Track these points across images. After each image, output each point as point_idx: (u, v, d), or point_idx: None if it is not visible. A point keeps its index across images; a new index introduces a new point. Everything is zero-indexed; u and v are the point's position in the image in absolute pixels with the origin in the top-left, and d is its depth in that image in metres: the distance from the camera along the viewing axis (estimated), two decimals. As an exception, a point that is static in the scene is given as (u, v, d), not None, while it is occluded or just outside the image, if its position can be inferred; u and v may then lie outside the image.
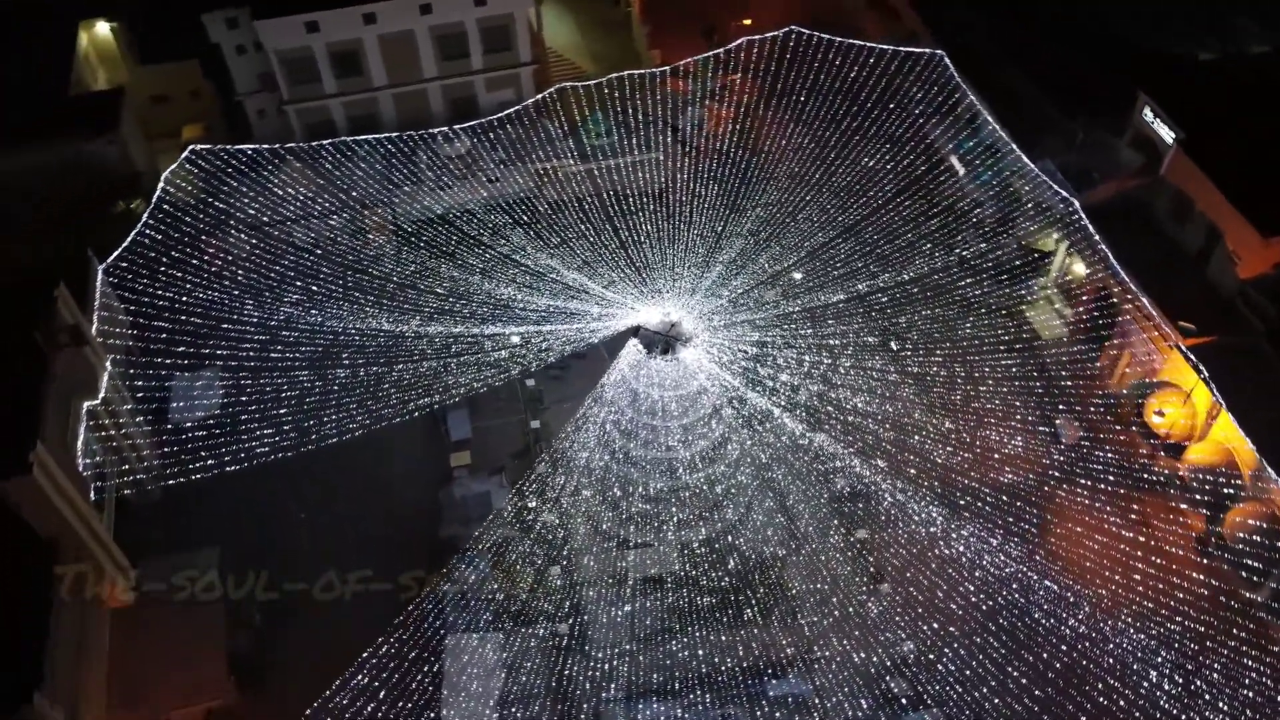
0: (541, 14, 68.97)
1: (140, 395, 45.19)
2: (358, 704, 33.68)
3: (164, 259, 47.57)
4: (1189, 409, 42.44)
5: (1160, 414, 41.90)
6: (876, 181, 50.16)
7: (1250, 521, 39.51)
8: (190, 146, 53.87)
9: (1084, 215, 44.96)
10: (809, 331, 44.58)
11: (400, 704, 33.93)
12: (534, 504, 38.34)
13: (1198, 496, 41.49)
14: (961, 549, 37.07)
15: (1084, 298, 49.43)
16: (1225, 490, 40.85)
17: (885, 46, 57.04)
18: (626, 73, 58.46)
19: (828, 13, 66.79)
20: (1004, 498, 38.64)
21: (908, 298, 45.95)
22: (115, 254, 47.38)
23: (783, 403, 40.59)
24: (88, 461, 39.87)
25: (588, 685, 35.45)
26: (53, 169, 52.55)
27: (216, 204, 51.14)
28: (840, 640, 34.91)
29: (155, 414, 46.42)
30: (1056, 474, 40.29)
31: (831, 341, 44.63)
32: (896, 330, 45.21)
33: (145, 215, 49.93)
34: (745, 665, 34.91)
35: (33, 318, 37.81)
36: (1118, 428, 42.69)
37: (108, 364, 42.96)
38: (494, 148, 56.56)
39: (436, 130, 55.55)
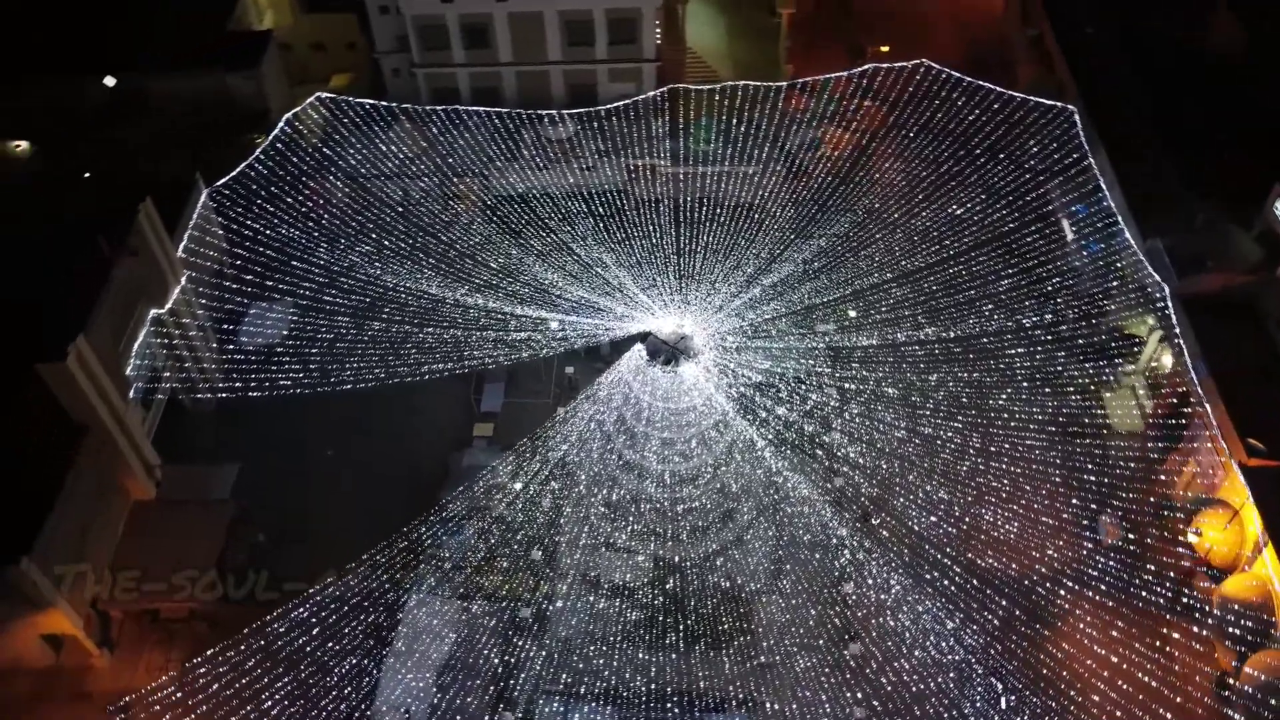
0: (685, 13, 69.35)
1: (217, 314, 48.63)
2: (292, 635, 35.38)
3: (265, 192, 50.92)
4: (1234, 534, 38.61)
5: (1197, 533, 38.25)
6: (957, 230, 47.78)
7: (1271, 673, 35.66)
8: (317, 94, 57.25)
9: (1174, 303, 41.39)
10: (827, 370, 43.13)
11: (331, 645, 35.40)
12: (521, 485, 38.97)
13: (1228, 631, 37.68)
14: (908, 623, 35.15)
15: (1166, 392, 45.64)
16: (1257, 631, 36.94)
17: (1014, 94, 54.13)
18: (743, 82, 57.90)
19: (989, 53, 64.19)
20: (975, 582, 36.25)
21: (948, 356, 43.59)
22: (222, 180, 51.02)
23: (769, 436, 39.54)
24: (142, 363, 43.39)
25: (532, 674, 35.73)
26: (196, 96, 57.38)
27: (325, 149, 54.21)
28: (792, 689, 33.83)
29: (226, 334, 49.83)
30: (1073, 572, 37.29)
31: (847, 385, 43.00)
32: (923, 386, 43.06)
33: (259, 150, 53.55)
34: (690, 690, 34.33)
35: (109, 226, 41.48)
36: (1164, 537, 39.14)
37: (182, 278, 46.57)
38: (596, 137, 57.37)
39: (544, 112, 56.74)
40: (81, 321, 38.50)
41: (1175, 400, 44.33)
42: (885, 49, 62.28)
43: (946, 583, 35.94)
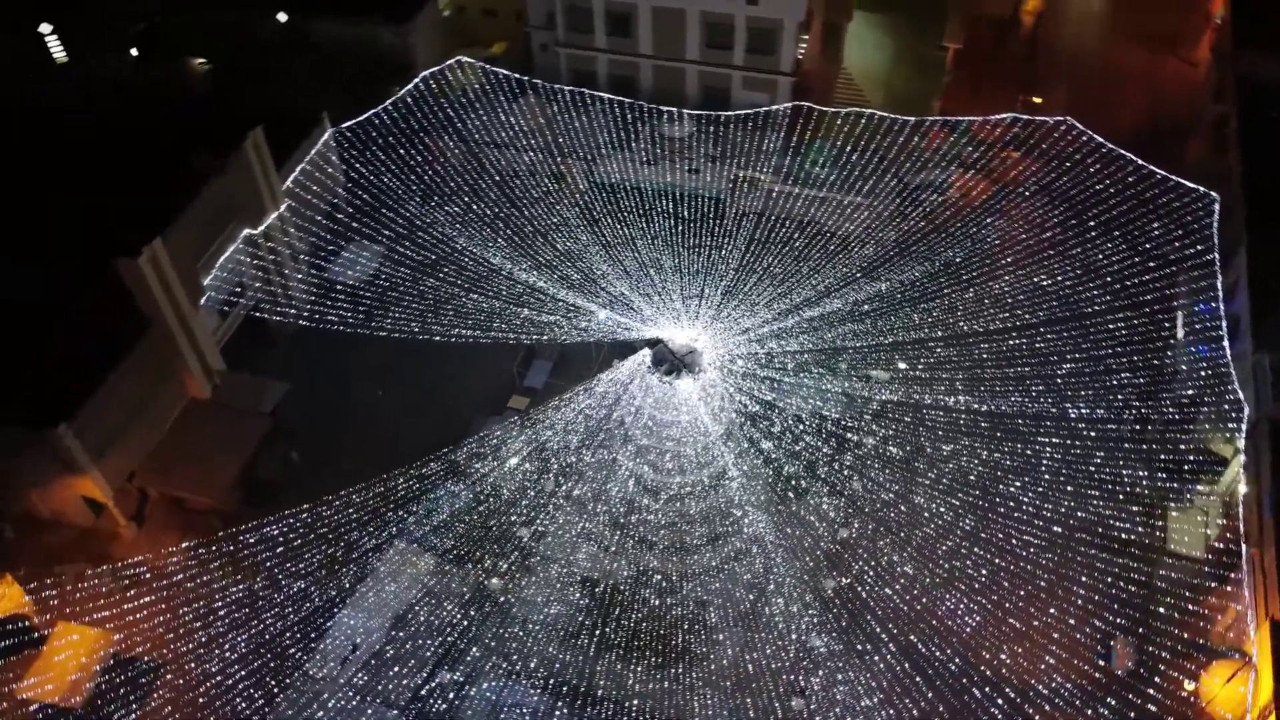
0: (847, 32, 67.89)
1: (316, 246, 52.10)
2: (260, 550, 37.88)
3: (386, 141, 53.88)
4: (1241, 691, 34.88)
5: (1194, 683, 34.72)
6: (1036, 301, 44.74)
7: None
8: (458, 57, 59.95)
9: (1259, 428, 37.46)
10: (834, 413, 41.44)
11: (295, 567, 37.67)
12: (516, 461, 39.91)
13: (1213, 794, 34.19)
14: (818, 688, 33.60)
15: (1232, 523, 41.45)
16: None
17: (1156, 170, 50.05)
18: (869, 110, 56.25)
19: (1167, 123, 59.69)
20: (906, 665, 34.13)
21: (971, 429, 40.98)
22: (347, 123, 54.50)
23: (744, 468, 38.54)
24: (223, 275, 47.23)
25: (482, 643, 36.57)
26: (351, 42, 61.39)
27: (451, 110, 56.73)
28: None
29: (320, 265, 53.33)
30: (1044, 687, 34.59)
31: (848, 435, 41.21)
32: (933, 454, 40.68)
33: (389, 100, 56.77)
34: (621, 702, 34.51)
35: (217, 145, 45.28)
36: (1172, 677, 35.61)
37: (282, 205, 50.20)
38: (710, 141, 57.34)
39: (666, 108, 57.15)
40: (161, 227, 42.22)
41: (1235, 534, 40.13)
42: (1038, 100, 58.64)
43: (876, 658, 34.14)
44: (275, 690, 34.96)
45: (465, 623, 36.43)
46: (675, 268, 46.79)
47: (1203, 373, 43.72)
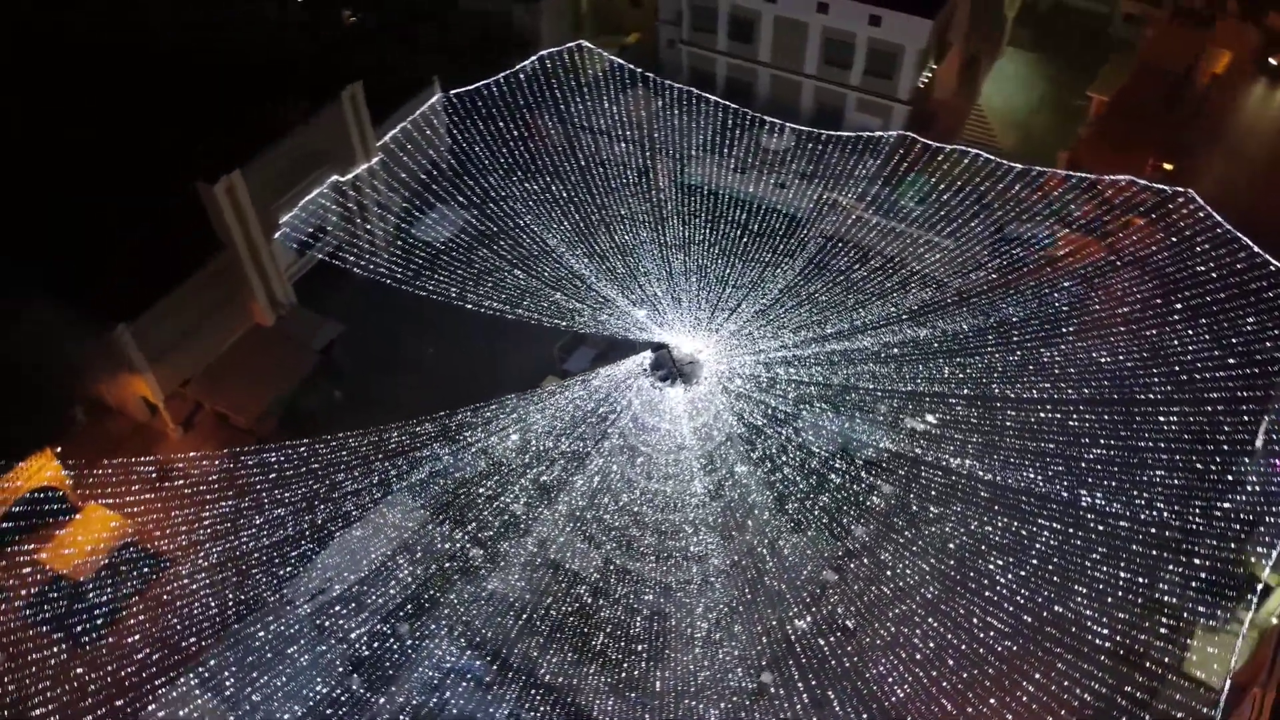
0: (988, 68, 65.14)
1: (408, 202, 54.51)
2: (248, 475, 40.23)
3: (489, 111, 55.66)
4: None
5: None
6: (1090, 378, 41.69)
7: None
8: (579, 41, 61.20)
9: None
10: (823, 450, 39.89)
11: (278, 493, 39.98)
12: (517, 437, 40.83)
13: None
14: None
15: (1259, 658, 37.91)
16: None
17: (1272, 261, 45.80)
18: (975, 151, 53.87)
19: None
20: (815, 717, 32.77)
21: (967, 494, 38.65)
22: (456, 91, 56.72)
23: (710, 487, 37.79)
24: (304, 214, 50.22)
25: (449, 605, 37.66)
26: (486, 15, 63.77)
27: (560, 92, 57.96)
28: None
29: (408, 221, 55.87)
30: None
31: (832, 476, 39.62)
32: (918, 513, 38.64)
33: (502, 74, 58.65)
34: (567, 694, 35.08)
35: (315, 94, 48.21)
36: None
37: (374, 159, 52.91)
38: (807, 159, 56.41)
39: (769, 119, 56.57)
40: (242, 160, 45.39)
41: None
42: (1168, 166, 54.44)
43: (785, 705, 32.99)
44: (244, 610, 37.20)
45: (436, 582, 37.50)
46: (721, 278, 46.34)
47: (1270, 489, 39.82)
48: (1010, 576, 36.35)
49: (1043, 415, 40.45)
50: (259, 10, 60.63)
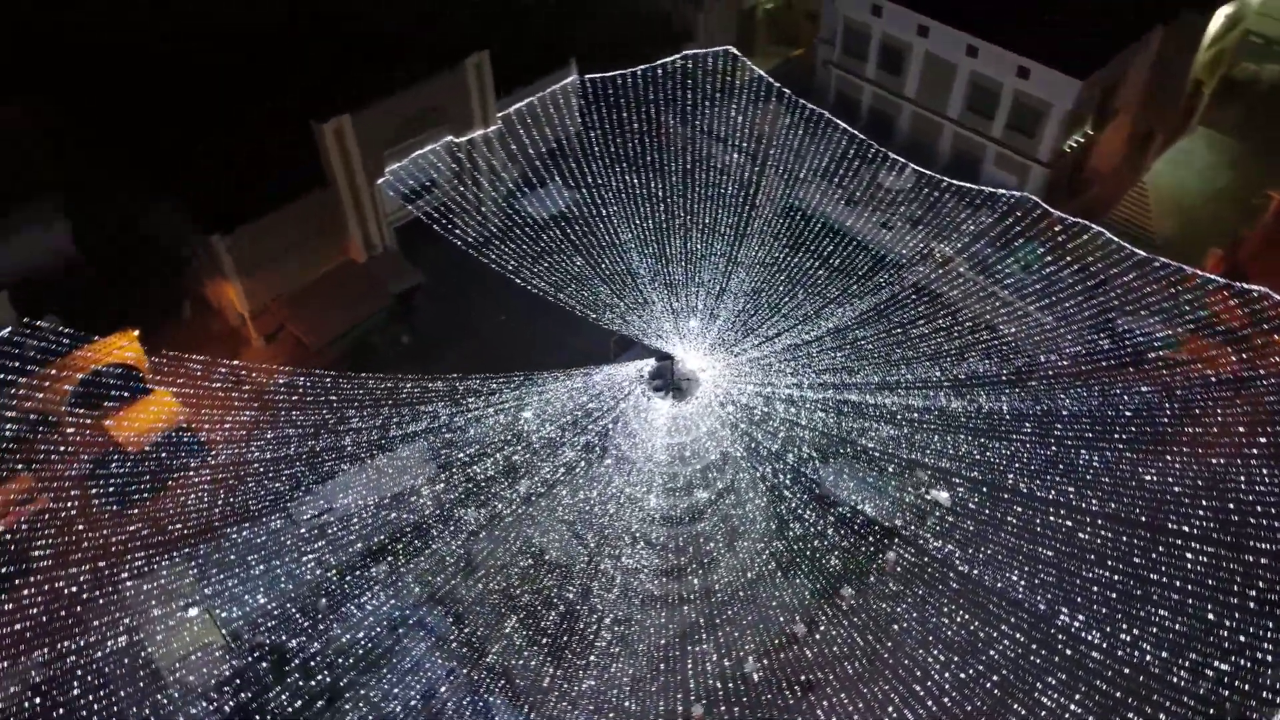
0: (1160, 147, 60.16)
1: (526, 173, 56.24)
2: (300, 393, 43.12)
3: (621, 100, 56.62)
4: None
5: None
6: (1135, 511, 37.99)
7: None
8: (726, 46, 61.16)
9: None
10: (796, 498, 38.19)
11: (296, 415, 42.92)
12: (529, 414, 41.99)
13: None
14: None
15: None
16: None
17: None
18: (1097, 228, 50.04)
19: None
20: None
21: (933, 585, 36.06)
22: (592, 75, 58.21)
23: (654, 505, 37.04)
24: (412, 167, 53.23)
25: (430, 558, 39.22)
26: (650, 4, 64.87)
27: (693, 91, 58.10)
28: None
29: (521, 192, 57.99)
30: None
31: (794, 525, 37.84)
32: (876, 584, 36.43)
33: (642, 67, 59.57)
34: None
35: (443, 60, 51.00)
36: None
37: (492, 127, 55.35)
38: (920, 204, 54.29)
39: (893, 155, 54.73)
40: (353, 107, 48.71)
41: None
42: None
43: None
44: (254, 511, 40.22)
45: (424, 534, 39.20)
46: (772, 306, 45.44)
47: None
48: (946, 675, 33.94)
49: (1052, 519, 37.28)
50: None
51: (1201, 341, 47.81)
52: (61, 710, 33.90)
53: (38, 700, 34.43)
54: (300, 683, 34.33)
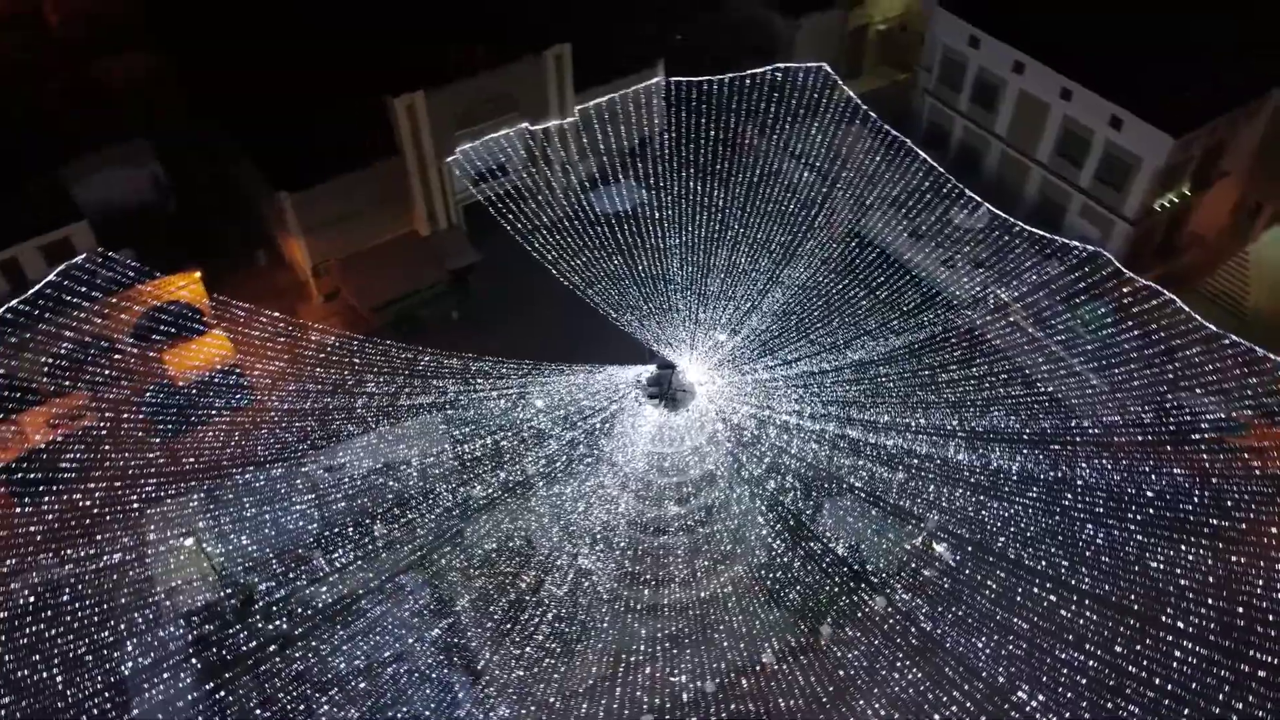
0: (1268, 221, 56.14)
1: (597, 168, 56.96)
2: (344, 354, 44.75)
3: (704, 106, 56.49)
4: None
5: None
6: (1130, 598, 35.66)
7: None
8: (820, 64, 60.21)
9: None
10: (766, 529, 37.15)
11: (322, 372, 44.65)
12: (541, 403, 42.59)
13: None
14: None
15: None
16: None
17: None
18: (1168, 296, 47.17)
19: None
20: None
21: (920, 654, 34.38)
22: (678, 79, 58.33)
23: (623, 511, 36.77)
24: (482, 148, 54.52)
25: (427, 528, 40.22)
26: (748, 15, 64.60)
27: (777, 104, 57.32)
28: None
29: (593, 187, 58.64)
30: None
31: (757, 552, 36.77)
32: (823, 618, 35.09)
33: (729, 75, 59.34)
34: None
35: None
36: None
37: (568, 119, 56.28)
38: (992, 247, 52.31)
39: (970, 194, 52.86)
40: (426, 85, 50.35)
41: None
42: None
43: None
44: (276, 456, 42.31)
45: (429, 507, 40.31)
46: (802, 329, 44.63)
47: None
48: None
49: (1035, 590, 35.38)
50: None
51: (1270, 430, 44.41)
52: (50, 612, 36.31)
53: (33, 599, 37.05)
54: (259, 624, 35.87)
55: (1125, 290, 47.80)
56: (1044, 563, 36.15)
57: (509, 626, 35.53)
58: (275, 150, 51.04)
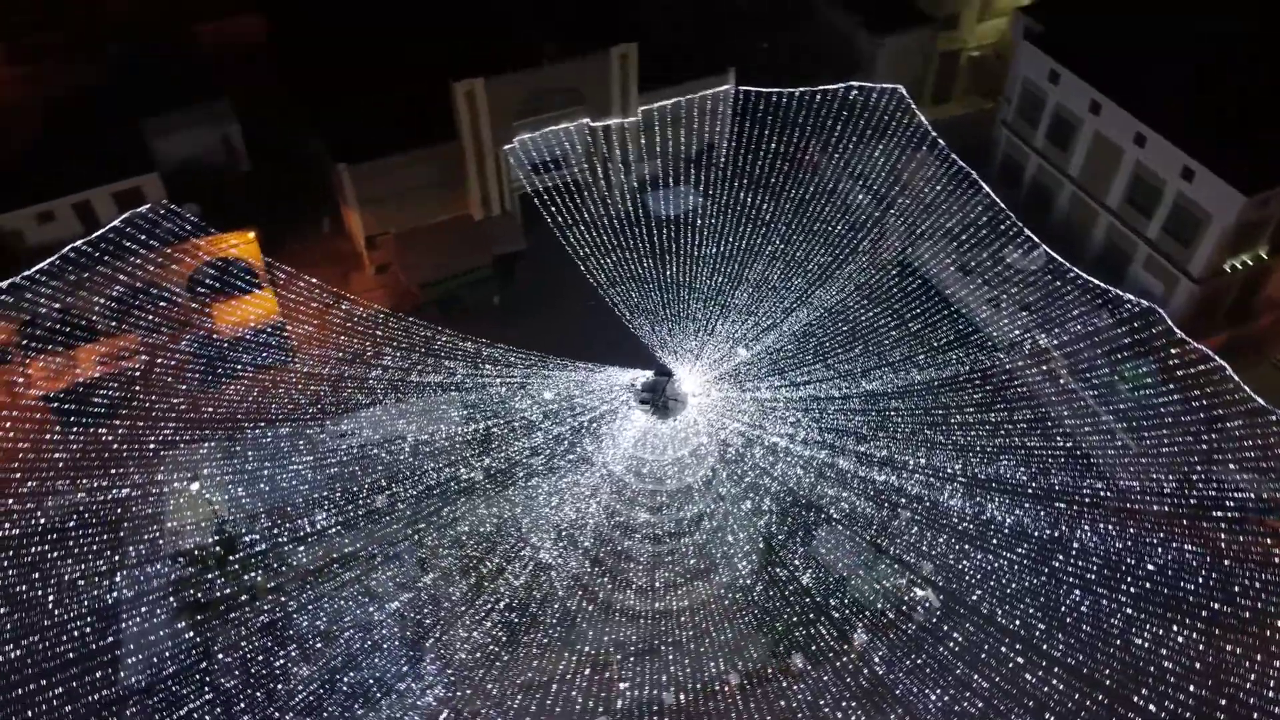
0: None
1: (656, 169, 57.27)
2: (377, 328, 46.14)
3: (771, 118, 56.12)
4: None
5: None
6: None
7: None
8: (896, 86, 58.99)
9: None
10: (743, 553, 36.41)
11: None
12: (552, 395, 43.18)
13: None
14: None
15: None
16: None
17: None
18: (1219, 362, 44.66)
19: None
20: None
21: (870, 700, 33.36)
22: (752, 88, 57.99)
23: (594, 512, 36.65)
24: (542, 140, 55.36)
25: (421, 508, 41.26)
26: (831, 27, 63.75)
27: (845, 124, 56.32)
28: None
29: (647, 188, 58.90)
30: None
31: (719, 573, 36.06)
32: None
33: (798, 90, 58.74)
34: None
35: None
36: None
37: (629, 118, 56.62)
38: (1042, 291, 50.50)
39: (1029, 235, 51.07)
40: (487, 72, 51.40)
41: None
42: None
43: None
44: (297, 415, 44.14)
45: (414, 483, 41.39)
46: (818, 353, 43.91)
47: None
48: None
49: (1003, 650, 33.96)
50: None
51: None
52: (56, 535, 38.67)
53: (44, 521, 39.50)
54: (236, 573, 37.40)
55: (1174, 351, 45.30)
56: (1018, 622, 34.65)
57: (463, 609, 36.09)
58: (341, 122, 52.76)
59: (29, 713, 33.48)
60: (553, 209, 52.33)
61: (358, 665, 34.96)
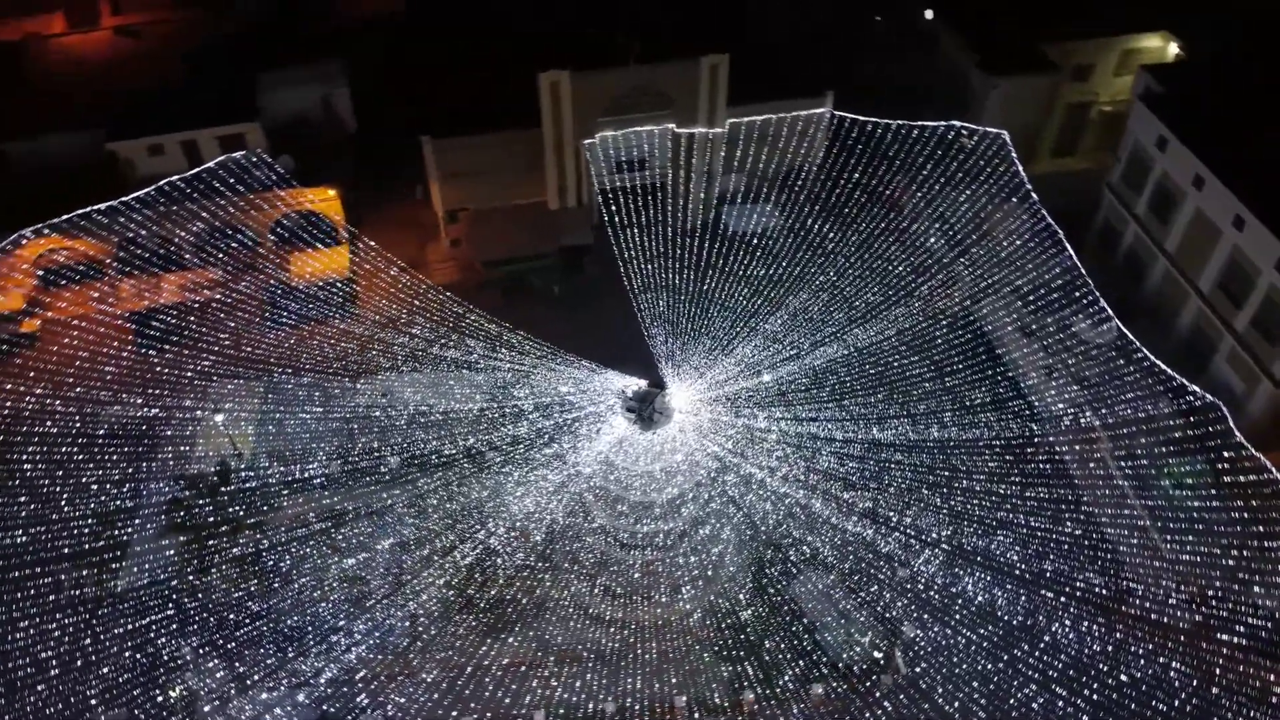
0: None
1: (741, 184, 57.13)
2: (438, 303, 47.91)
3: (859, 147, 54.76)
4: None
5: None
6: None
7: None
8: (1001, 131, 56.35)
9: None
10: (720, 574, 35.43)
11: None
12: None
13: None
14: None
15: None
16: None
17: None
18: (1275, 475, 41.03)
19: None
20: None
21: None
22: (843, 113, 56.89)
23: (557, 509, 36.58)
24: (620, 138, 55.90)
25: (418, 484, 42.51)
26: (945, 61, 61.67)
27: (939, 164, 54.26)
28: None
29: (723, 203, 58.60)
30: None
31: (685, 589, 35.23)
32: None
33: (896, 122, 56.98)
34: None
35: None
36: None
37: (715, 129, 56.56)
38: (1104, 367, 47.63)
39: (1100, 309, 48.06)
40: (573, 66, 52.41)
41: None
42: None
43: None
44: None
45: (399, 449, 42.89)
46: (834, 394, 42.78)
47: None
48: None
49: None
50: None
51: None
52: (85, 440, 42.00)
53: (79, 426, 42.93)
54: (223, 503, 39.72)
55: (1228, 455, 41.71)
56: (956, 704, 32.78)
57: (408, 579, 37.08)
58: (423, 99, 54.80)
59: (17, 594, 36.56)
60: (616, 206, 52.51)
61: (303, 611, 36.48)
